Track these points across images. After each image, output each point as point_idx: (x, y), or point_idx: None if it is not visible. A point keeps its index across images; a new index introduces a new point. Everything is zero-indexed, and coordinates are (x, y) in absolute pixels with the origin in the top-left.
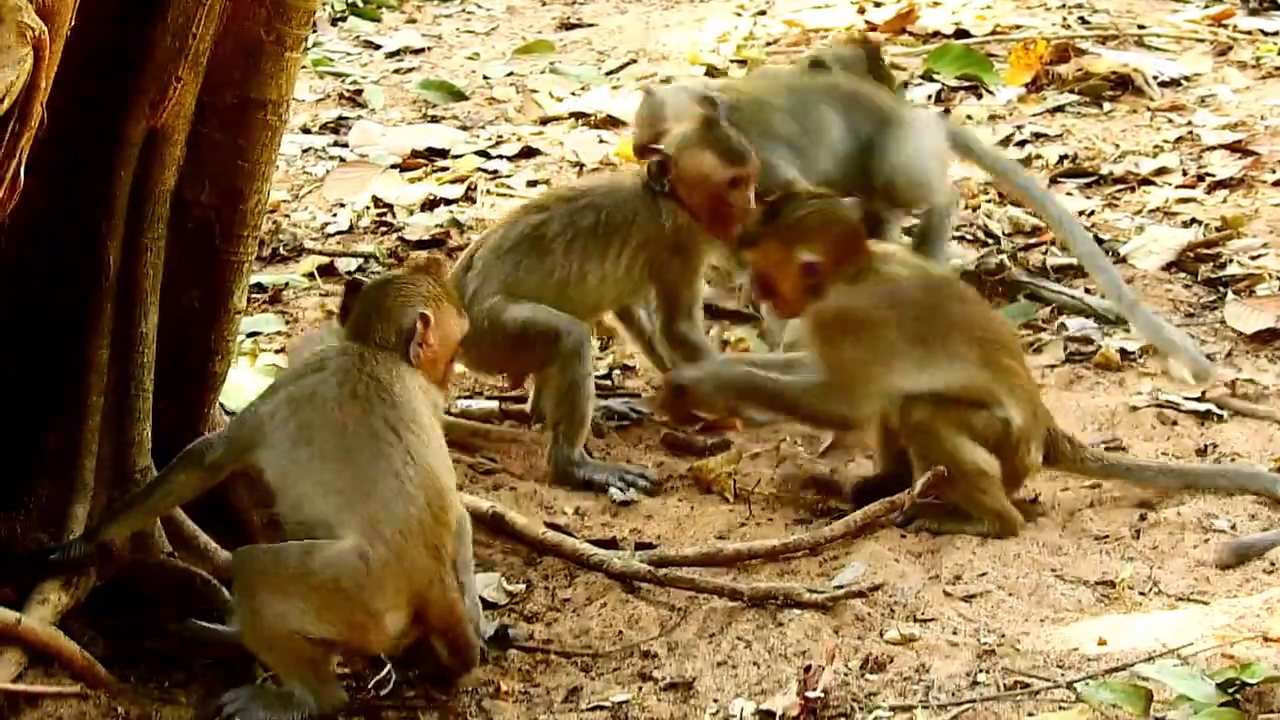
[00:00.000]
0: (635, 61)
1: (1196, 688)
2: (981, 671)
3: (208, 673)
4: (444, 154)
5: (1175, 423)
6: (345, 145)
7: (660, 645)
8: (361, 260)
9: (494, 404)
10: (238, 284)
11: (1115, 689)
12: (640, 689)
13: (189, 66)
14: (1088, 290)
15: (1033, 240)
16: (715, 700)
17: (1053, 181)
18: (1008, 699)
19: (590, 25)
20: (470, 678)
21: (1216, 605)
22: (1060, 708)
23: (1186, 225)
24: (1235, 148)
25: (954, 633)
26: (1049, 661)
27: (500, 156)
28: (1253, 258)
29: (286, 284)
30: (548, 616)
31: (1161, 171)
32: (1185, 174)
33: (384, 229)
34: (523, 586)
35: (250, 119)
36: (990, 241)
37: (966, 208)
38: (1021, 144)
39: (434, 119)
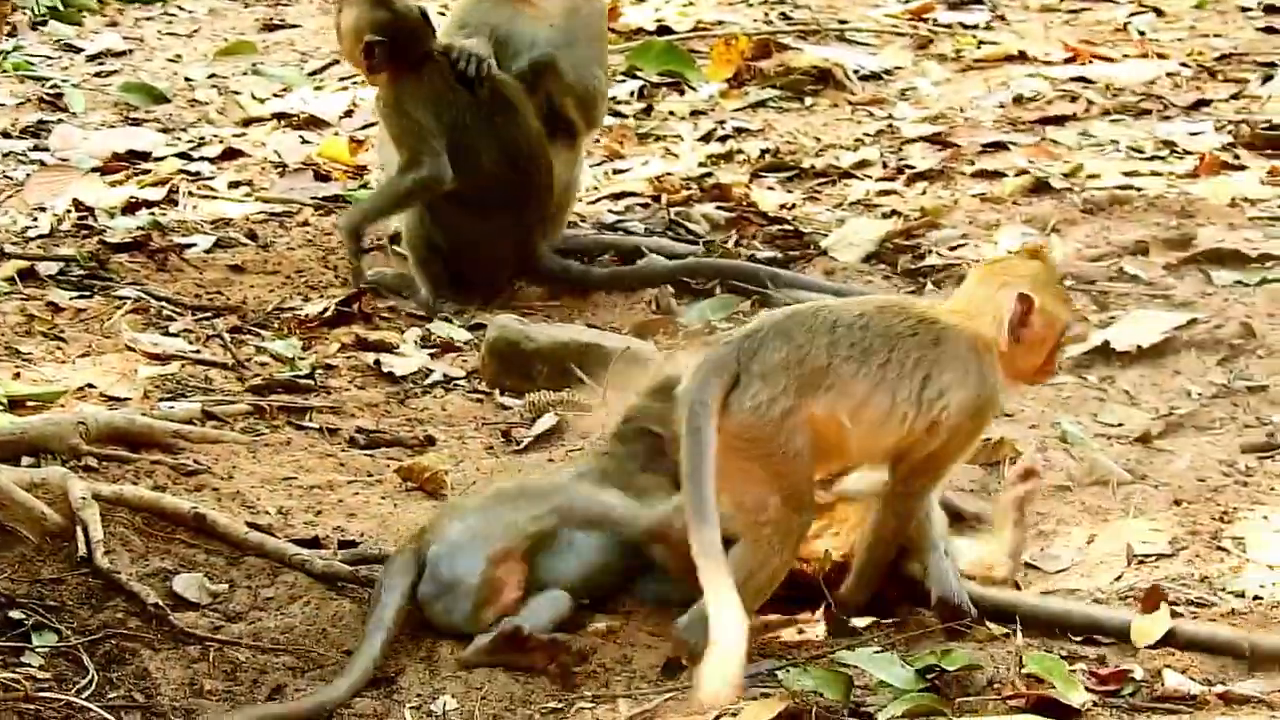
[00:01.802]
0: (338, 62)
1: (896, 674)
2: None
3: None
4: (145, 157)
5: None
6: (46, 149)
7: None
8: (62, 264)
9: (196, 406)
10: None
11: (816, 675)
12: None
13: None
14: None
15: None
16: (418, 695)
17: (754, 176)
18: None
19: (294, 26)
20: (170, 676)
21: None
22: (763, 695)
23: (886, 217)
24: (935, 140)
25: (656, 624)
26: (754, 650)
27: (202, 158)
28: (951, 248)
29: None
30: (250, 616)
31: (862, 164)
32: (885, 166)
33: (85, 232)
34: (225, 586)
35: None
36: (693, 239)
37: (668, 205)
38: (723, 139)
39: (135, 122)
